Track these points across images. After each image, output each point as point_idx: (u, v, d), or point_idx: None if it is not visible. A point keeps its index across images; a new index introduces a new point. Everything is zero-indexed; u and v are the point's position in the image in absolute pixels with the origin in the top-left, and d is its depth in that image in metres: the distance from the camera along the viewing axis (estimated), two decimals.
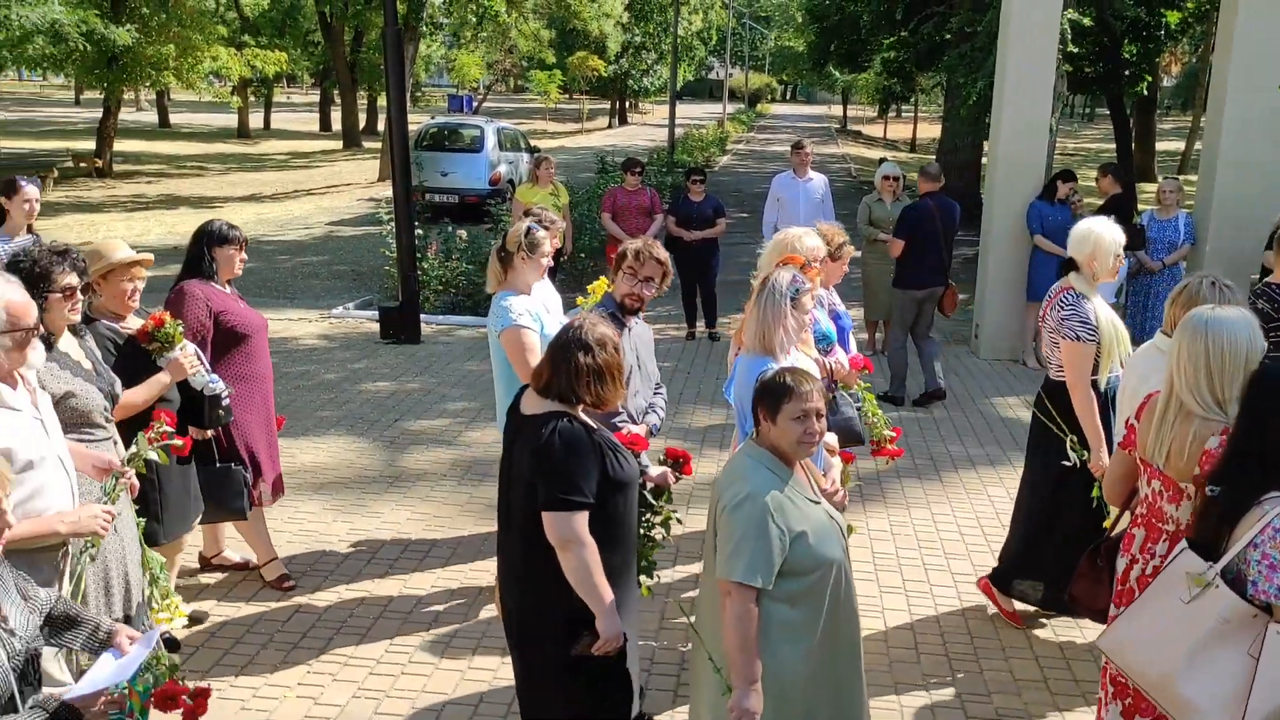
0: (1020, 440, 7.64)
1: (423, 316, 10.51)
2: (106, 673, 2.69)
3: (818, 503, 3.09)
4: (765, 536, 2.90)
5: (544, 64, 46.62)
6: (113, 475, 3.50)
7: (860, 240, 10.01)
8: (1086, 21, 14.44)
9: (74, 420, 3.69)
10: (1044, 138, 9.93)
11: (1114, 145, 25.00)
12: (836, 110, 68.30)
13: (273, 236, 16.66)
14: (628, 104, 56.60)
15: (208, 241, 4.82)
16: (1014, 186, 9.76)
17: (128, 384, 4.00)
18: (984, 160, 16.69)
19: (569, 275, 12.46)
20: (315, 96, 48.58)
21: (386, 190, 19.59)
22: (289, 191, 22.64)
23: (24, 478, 3.02)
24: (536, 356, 4.58)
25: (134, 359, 4.18)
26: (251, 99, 36.63)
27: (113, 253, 4.15)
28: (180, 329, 4.31)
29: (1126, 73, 20.67)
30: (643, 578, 3.95)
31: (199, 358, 4.41)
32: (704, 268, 10.23)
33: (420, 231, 11.14)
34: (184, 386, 4.37)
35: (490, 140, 19.28)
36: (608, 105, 55.48)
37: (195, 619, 4.81)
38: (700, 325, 10.58)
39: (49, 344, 3.67)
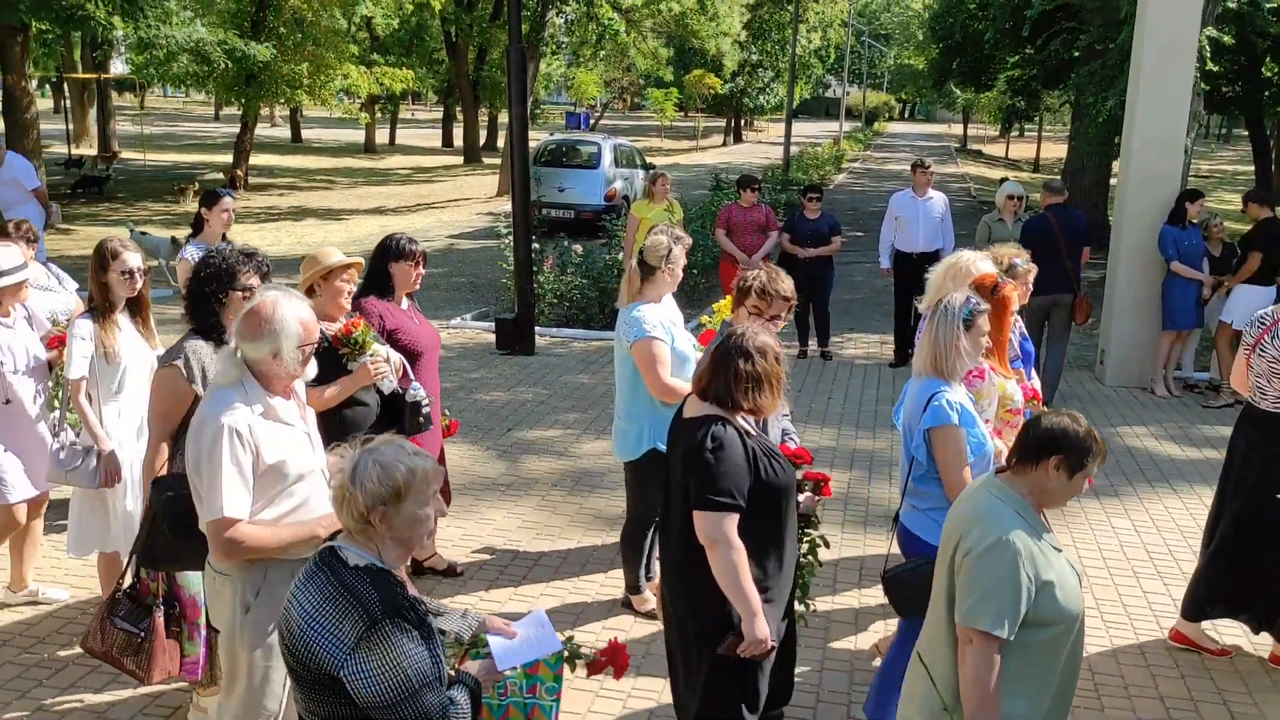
0: (1147, 472, 7.38)
1: (537, 329, 10.69)
2: (516, 652, 2.83)
3: (1060, 550, 2.93)
4: (1015, 585, 2.76)
5: (661, 82, 47.02)
6: None
7: None
8: (1226, 39, 13.88)
9: None
10: (1178, 158, 9.56)
11: (1252, 167, 23.89)
12: (956, 129, 66.97)
13: None
14: (743, 121, 56.56)
15: (384, 257, 4.91)
16: (1145, 209, 9.41)
17: (322, 382, 4.21)
18: (1113, 181, 16.14)
19: (679, 291, 12.48)
20: (438, 113, 49.93)
21: (505, 205, 20.00)
22: (411, 205, 23.30)
23: (294, 489, 3.17)
24: (667, 368, 4.64)
25: (330, 360, 4.37)
26: (378, 115, 37.84)
27: (328, 258, 4.42)
28: (371, 336, 4.48)
29: (1267, 92, 19.75)
30: (798, 607, 3.91)
31: (404, 368, 4.56)
32: (818, 286, 10.14)
33: (537, 246, 11.34)
34: (385, 394, 4.53)
35: (607, 157, 19.51)
36: (723, 123, 55.56)
37: None
38: (812, 344, 10.49)
39: (221, 340, 3.86)
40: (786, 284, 4.31)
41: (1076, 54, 17.25)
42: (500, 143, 32.58)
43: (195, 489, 3.15)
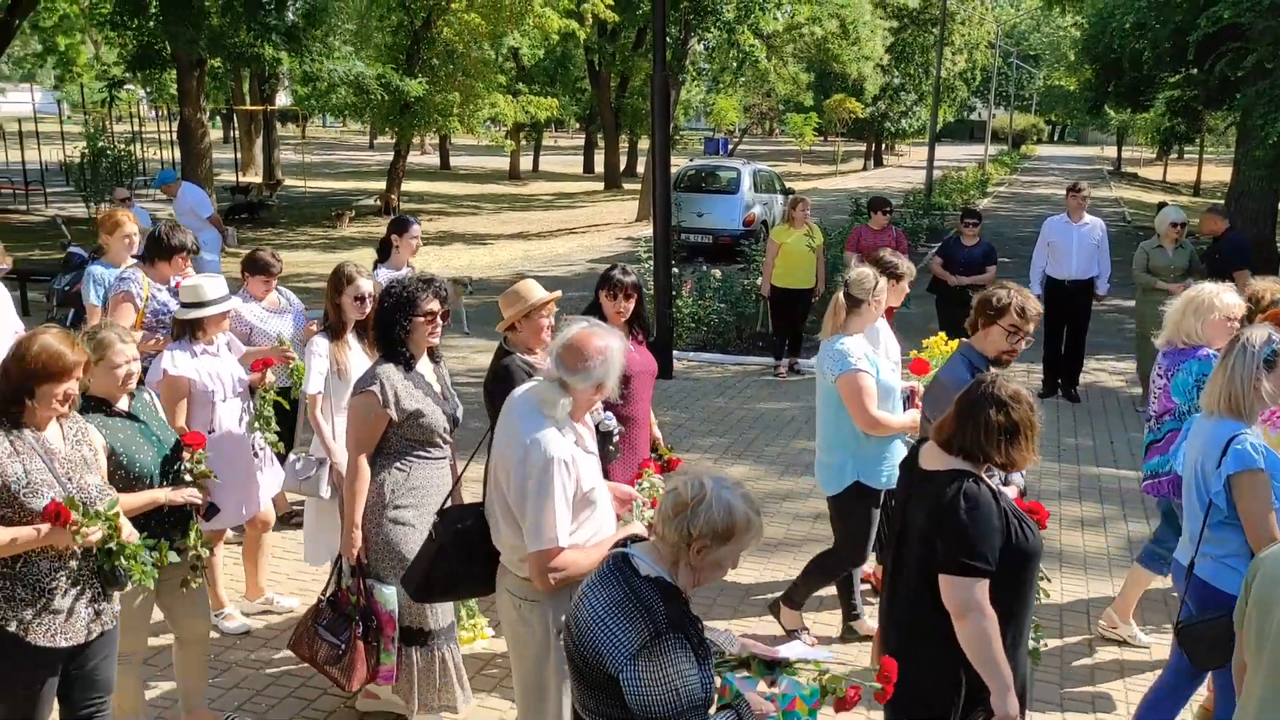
0: None
1: (675, 352, 10.77)
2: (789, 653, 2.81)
3: None
4: None
5: (801, 107, 46.82)
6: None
7: (1135, 289, 9.41)
8: None
9: (418, 437, 4.05)
10: None
11: None
12: (1109, 151, 64.48)
13: (537, 273, 17.57)
14: (883, 146, 55.77)
15: (597, 287, 4.98)
16: None
17: None
18: None
19: (819, 317, 12.39)
20: (580, 140, 50.98)
21: (644, 230, 20.23)
22: (553, 230, 23.81)
23: (594, 514, 3.26)
24: (874, 401, 4.61)
25: None
26: (523, 143, 38.87)
27: (531, 295, 4.44)
28: None
29: None
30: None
31: None
32: (966, 313, 9.82)
33: (675, 270, 11.44)
34: None
35: (746, 182, 19.53)
36: (863, 147, 54.93)
37: None
38: None
39: (409, 364, 4.05)
40: (1037, 304, 4.23)
41: (1242, 73, 16.42)
42: (640, 168, 33.03)
43: (512, 517, 3.20)
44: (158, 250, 5.75)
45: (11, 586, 3.26)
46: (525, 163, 41.04)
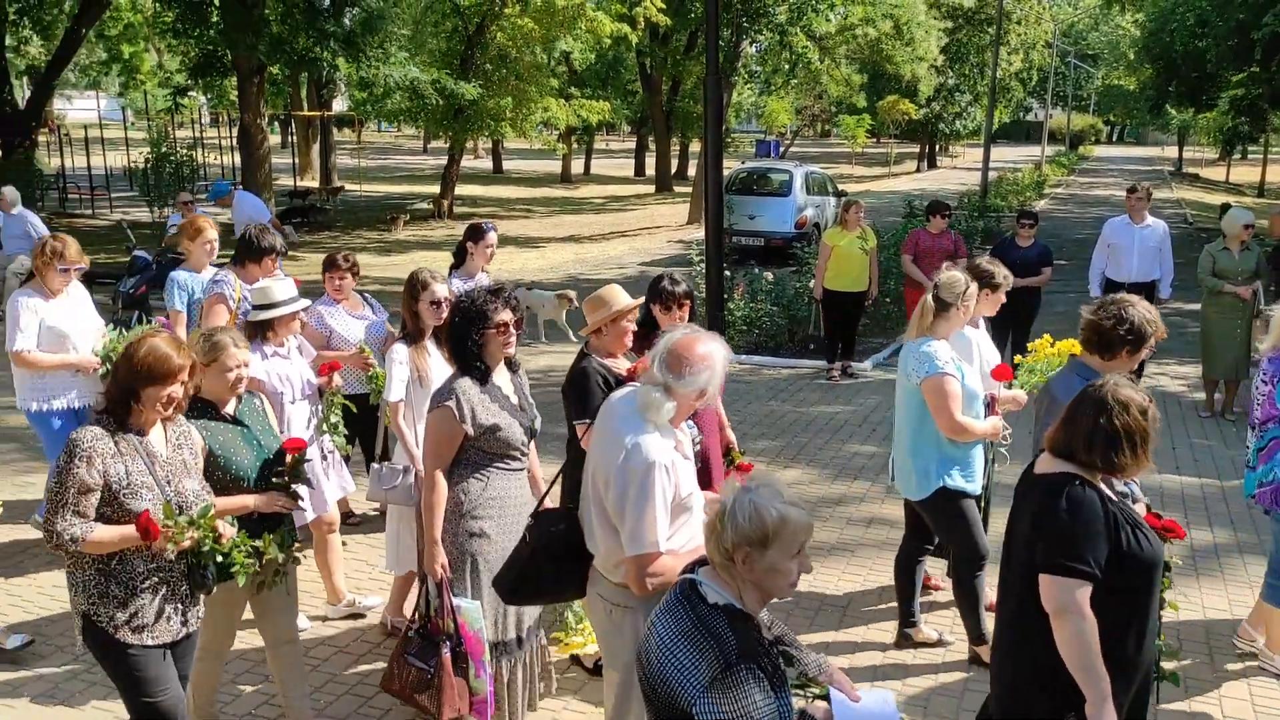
0: None
1: None
2: (857, 714, 2.73)
3: None
4: None
5: (853, 108, 46.48)
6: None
7: (1200, 292, 9.22)
8: None
9: (495, 450, 4.04)
10: None
11: None
12: (1170, 152, 63.20)
13: (589, 275, 17.64)
14: (937, 147, 55.15)
15: (646, 299, 4.95)
16: None
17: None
18: None
19: (872, 320, 12.31)
20: (632, 143, 51.04)
21: (695, 232, 20.22)
22: (605, 233, 23.88)
23: (687, 519, 3.23)
24: (959, 405, 4.56)
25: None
26: (574, 146, 39.03)
27: (617, 301, 4.42)
28: None
29: None
30: (1165, 664, 3.57)
31: None
32: (1020, 317, 9.68)
33: (727, 273, 11.40)
34: None
35: (798, 185, 19.44)
36: (916, 149, 54.36)
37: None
38: None
39: (485, 377, 4.05)
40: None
41: None
42: (691, 171, 33.01)
43: (608, 521, 3.21)
44: (248, 252, 5.79)
45: (105, 583, 3.35)
46: (577, 166, 41.19)
